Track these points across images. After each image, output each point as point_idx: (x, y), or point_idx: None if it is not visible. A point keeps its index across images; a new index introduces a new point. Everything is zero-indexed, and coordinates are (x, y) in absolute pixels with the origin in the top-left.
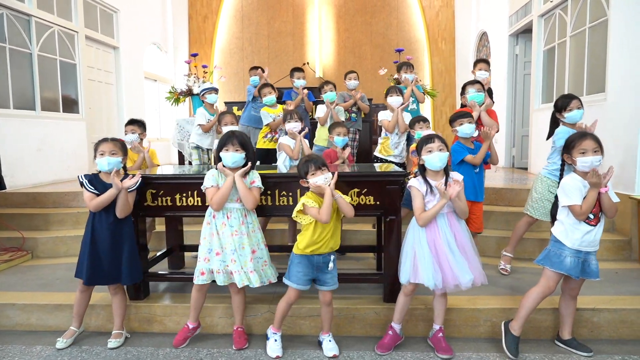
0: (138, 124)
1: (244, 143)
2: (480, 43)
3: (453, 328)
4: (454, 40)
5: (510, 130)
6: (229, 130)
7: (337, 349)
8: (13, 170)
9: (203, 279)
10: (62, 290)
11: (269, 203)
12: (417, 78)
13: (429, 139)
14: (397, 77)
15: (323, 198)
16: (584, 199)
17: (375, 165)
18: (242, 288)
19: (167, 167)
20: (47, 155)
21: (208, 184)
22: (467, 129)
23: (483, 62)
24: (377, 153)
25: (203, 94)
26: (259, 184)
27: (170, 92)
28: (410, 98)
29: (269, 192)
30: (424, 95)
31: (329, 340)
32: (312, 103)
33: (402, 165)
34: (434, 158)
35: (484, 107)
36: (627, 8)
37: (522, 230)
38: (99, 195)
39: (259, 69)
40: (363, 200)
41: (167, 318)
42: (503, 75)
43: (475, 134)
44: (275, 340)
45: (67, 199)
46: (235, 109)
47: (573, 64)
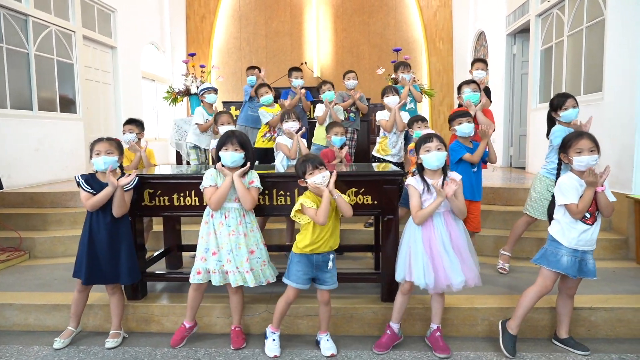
0: (136, 124)
1: (244, 143)
2: (478, 43)
3: (451, 327)
4: (452, 40)
5: (508, 130)
6: (229, 130)
7: (335, 349)
8: (10, 170)
9: (199, 279)
10: (59, 291)
11: (267, 203)
12: (414, 77)
13: (428, 138)
14: (394, 76)
15: (321, 198)
16: (581, 198)
17: (373, 165)
18: (240, 288)
19: (164, 166)
20: (44, 155)
21: (207, 184)
22: (465, 128)
23: (480, 61)
24: (375, 152)
25: (202, 94)
26: (258, 184)
27: (168, 91)
28: (408, 98)
29: (267, 191)
30: (422, 95)
31: (327, 340)
32: (309, 103)
33: (399, 165)
34: (432, 157)
35: (480, 106)
36: (624, 8)
37: (520, 230)
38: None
39: (256, 69)
40: (361, 200)
41: (164, 318)
42: (501, 75)
43: (472, 134)
44: (274, 340)
45: (64, 199)
46: (233, 109)
47: (570, 64)
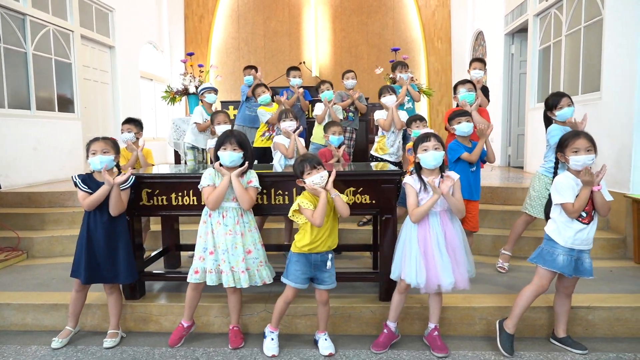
0: (135, 123)
1: (242, 142)
2: (476, 42)
3: (449, 326)
4: (450, 40)
5: (506, 129)
6: (227, 130)
7: (333, 348)
8: (8, 170)
9: (196, 278)
10: (57, 290)
11: (266, 202)
12: (412, 77)
13: (425, 138)
14: (392, 76)
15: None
16: (577, 197)
17: (372, 164)
18: (237, 287)
19: (163, 166)
20: (42, 155)
21: (205, 183)
22: (465, 128)
23: (478, 61)
24: (373, 152)
25: (202, 93)
26: (256, 184)
27: (166, 91)
28: (406, 97)
29: (266, 191)
30: (420, 95)
31: (325, 339)
32: (308, 102)
33: (398, 164)
34: (429, 157)
35: (475, 106)
36: (622, 7)
37: (520, 229)
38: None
39: (252, 69)
40: (359, 199)
41: (163, 317)
42: (499, 75)
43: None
44: (272, 339)
45: (62, 199)
46: (232, 108)
47: (568, 63)
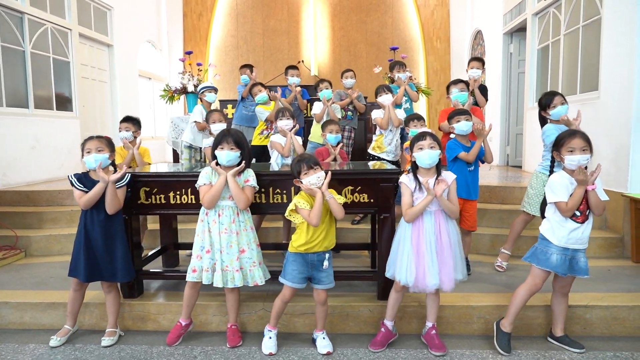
0: (133, 122)
1: (239, 142)
2: (475, 41)
3: (446, 325)
4: (449, 39)
5: (505, 129)
6: (225, 129)
7: (331, 346)
8: (6, 169)
9: (194, 277)
10: (55, 289)
11: (263, 201)
12: (410, 76)
13: (421, 136)
14: (391, 75)
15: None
16: (571, 196)
17: (370, 163)
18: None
19: (161, 164)
20: (40, 154)
21: (202, 182)
22: (463, 127)
23: (477, 60)
24: (370, 150)
25: (202, 92)
26: (254, 183)
27: (165, 90)
28: (404, 97)
29: (263, 190)
30: (418, 94)
31: (323, 338)
32: (306, 101)
33: (395, 163)
34: (424, 155)
35: (467, 105)
36: (620, 7)
37: (519, 228)
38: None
39: (247, 69)
40: (357, 198)
41: (161, 316)
42: (497, 74)
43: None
44: (270, 338)
45: (60, 197)
46: (230, 107)
47: (567, 62)
